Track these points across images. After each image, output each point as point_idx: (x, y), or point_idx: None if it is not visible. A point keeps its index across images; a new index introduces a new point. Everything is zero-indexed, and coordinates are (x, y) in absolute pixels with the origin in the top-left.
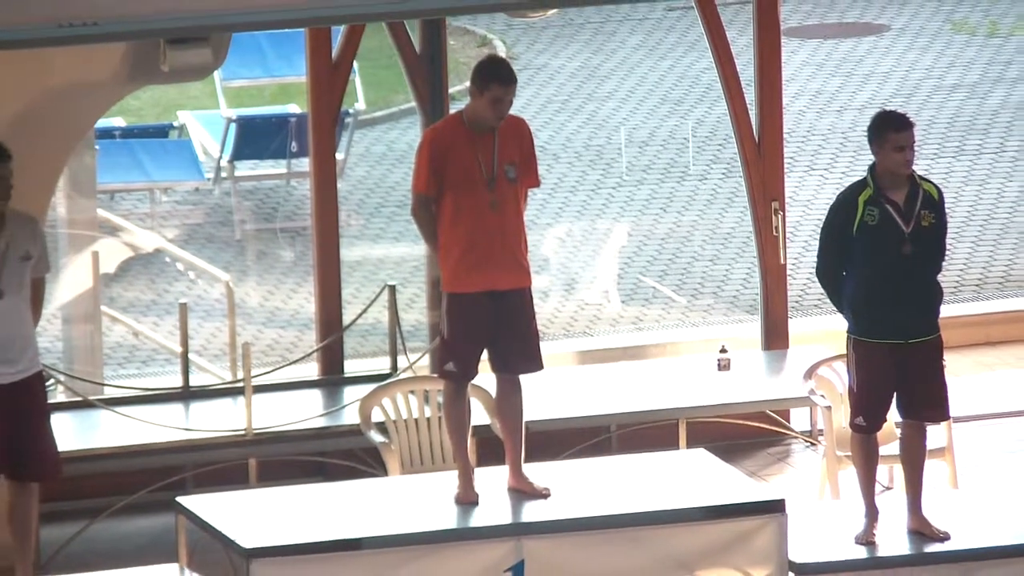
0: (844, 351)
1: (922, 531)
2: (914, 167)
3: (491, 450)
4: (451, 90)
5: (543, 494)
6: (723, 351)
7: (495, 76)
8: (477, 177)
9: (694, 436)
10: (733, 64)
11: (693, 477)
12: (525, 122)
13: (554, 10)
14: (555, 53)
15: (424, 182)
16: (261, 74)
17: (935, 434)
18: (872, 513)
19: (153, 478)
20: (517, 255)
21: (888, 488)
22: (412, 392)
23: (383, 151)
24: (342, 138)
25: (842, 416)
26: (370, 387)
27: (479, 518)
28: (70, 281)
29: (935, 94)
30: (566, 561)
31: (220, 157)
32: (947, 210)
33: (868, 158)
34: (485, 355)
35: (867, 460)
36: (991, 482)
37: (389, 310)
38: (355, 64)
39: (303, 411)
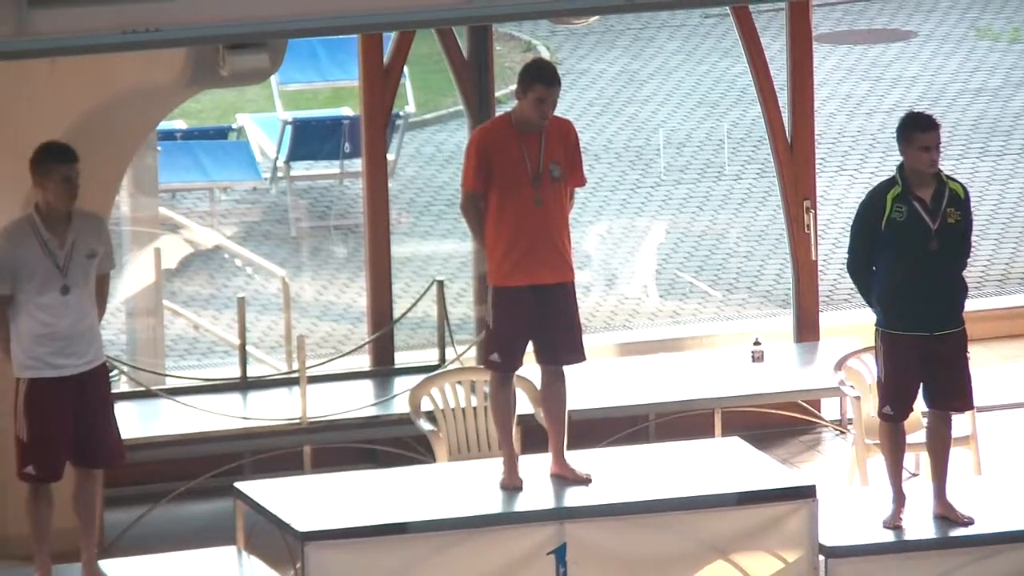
0: (873, 343)
1: (947, 516)
2: (940, 167)
3: (535, 438)
4: (497, 93)
5: (585, 480)
6: (757, 343)
7: (538, 77)
8: (523, 175)
9: (729, 425)
10: (767, 69)
11: (728, 464)
12: (572, 124)
13: (596, 17)
14: (597, 58)
15: (472, 179)
16: (316, 78)
17: (960, 423)
18: (899, 498)
19: (212, 464)
20: (560, 250)
21: (914, 475)
22: (459, 382)
23: (432, 152)
24: (393, 139)
25: (870, 406)
26: (419, 378)
27: (523, 503)
28: (133, 276)
29: (960, 97)
30: (606, 544)
31: (276, 158)
32: (972, 208)
33: (896, 159)
34: (530, 347)
35: (894, 448)
36: (1014, 469)
37: (437, 304)
38: (405, 69)
39: (355, 400)
